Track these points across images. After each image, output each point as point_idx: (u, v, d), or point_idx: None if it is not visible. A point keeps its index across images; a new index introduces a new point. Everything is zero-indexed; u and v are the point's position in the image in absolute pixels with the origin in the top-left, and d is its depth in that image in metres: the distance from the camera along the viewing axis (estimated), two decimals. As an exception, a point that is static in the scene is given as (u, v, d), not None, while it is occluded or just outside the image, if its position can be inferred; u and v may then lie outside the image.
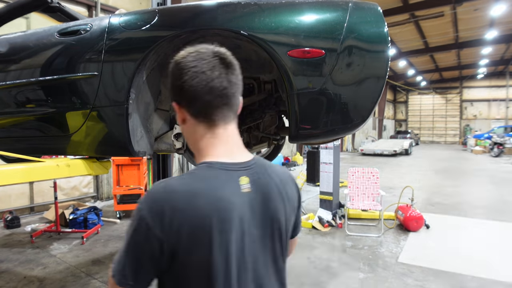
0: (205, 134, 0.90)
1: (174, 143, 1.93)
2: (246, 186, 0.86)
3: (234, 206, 0.82)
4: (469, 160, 16.87)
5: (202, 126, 0.90)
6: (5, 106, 2.36)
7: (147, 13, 1.96)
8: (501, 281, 3.72)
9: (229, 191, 0.84)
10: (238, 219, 0.82)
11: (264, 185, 0.90)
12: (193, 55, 0.87)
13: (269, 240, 0.90)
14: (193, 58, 0.86)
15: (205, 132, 0.90)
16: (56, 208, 5.42)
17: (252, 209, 0.86)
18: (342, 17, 1.68)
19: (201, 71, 0.84)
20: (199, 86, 0.85)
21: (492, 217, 6.30)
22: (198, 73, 0.84)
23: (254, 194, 0.87)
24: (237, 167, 0.88)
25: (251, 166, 0.90)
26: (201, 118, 0.89)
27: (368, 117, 1.75)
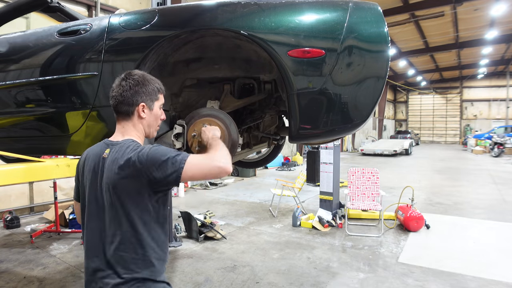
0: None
1: (174, 143, 1.93)
2: (105, 154, 1.33)
3: (94, 162, 1.35)
4: (469, 160, 16.86)
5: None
6: (5, 106, 2.36)
7: (147, 13, 1.96)
8: (501, 281, 3.72)
9: (99, 154, 1.35)
10: (93, 170, 1.33)
11: (111, 156, 1.31)
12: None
13: (103, 189, 1.30)
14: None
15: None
16: (56, 208, 5.42)
17: (102, 167, 1.32)
18: (342, 17, 1.68)
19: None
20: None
21: (493, 217, 6.30)
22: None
23: (107, 160, 1.31)
24: (110, 143, 1.37)
25: (115, 145, 1.34)
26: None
27: (368, 117, 1.75)
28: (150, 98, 1.40)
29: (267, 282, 3.74)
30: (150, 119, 1.42)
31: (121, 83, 1.37)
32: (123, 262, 1.25)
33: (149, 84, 1.40)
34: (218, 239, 5.10)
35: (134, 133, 1.40)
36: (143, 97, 1.38)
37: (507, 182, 10.20)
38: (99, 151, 1.36)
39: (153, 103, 1.42)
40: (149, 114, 1.41)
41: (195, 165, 1.24)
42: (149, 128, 1.45)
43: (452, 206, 7.18)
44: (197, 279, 3.83)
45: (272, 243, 4.99)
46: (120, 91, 1.36)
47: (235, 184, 10.11)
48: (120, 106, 1.37)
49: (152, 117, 1.43)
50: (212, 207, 7.12)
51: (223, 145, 1.42)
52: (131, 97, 1.36)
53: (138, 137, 1.41)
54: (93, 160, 1.35)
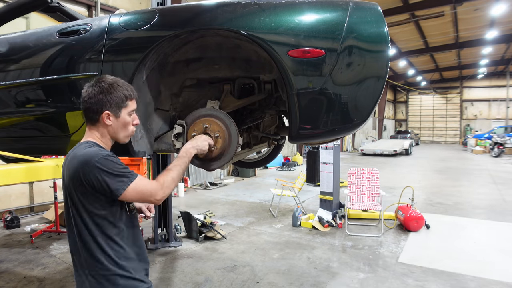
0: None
1: (174, 143, 1.93)
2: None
3: (63, 164, 1.40)
4: (469, 160, 16.86)
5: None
6: (5, 106, 2.35)
7: (147, 13, 1.96)
8: (501, 281, 3.72)
9: (67, 156, 1.39)
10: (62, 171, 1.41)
11: (67, 159, 1.37)
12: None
13: (67, 195, 1.37)
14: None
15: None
16: (56, 208, 5.43)
17: (63, 169, 1.39)
18: (342, 17, 1.68)
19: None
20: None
21: (493, 217, 6.30)
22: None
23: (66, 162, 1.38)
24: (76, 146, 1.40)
25: (76, 147, 1.38)
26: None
27: (368, 117, 1.74)
28: (116, 106, 1.40)
29: (267, 282, 3.74)
30: (116, 126, 1.43)
31: (87, 90, 1.38)
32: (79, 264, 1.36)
33: (114, 91, 1.39)
34: (218, 239, 5.10)
35: (98, 138, 1.42)
36: (107, 105, 1.38)
37: (507, 182, 10.20)
38: (68, 154, 1.41)
39: (119, 111, 1.41)
40: (115, 121, 1.42)
41: (135, 193, 1.32)
42: (117, 135, 1.45)
43: (452, 206, 7.18)
44: (197, 279, 3.83)
45: (272, 243, 4.99)
46: (86, 97, 1.38)
47: (235, 184, 10.11)
48: (85, 112, 1.40)
49: (119, 124, 1.43)
50: (212, 207, 7.12)
51: (179, 169, 1.46)
52: (95, 104, 1.37)
53: (103, 142, 1.43)
54: (64, 162, 1.42)
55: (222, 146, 1.81)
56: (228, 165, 2.05)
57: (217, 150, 1.81)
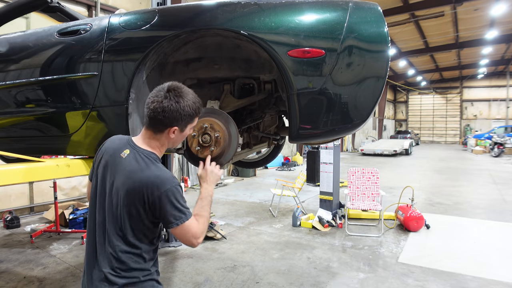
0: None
1: (174, 143, 1.93)
2: (124, 154, 1.37)
3: (110, 156, 1.39)
4: (469, 160, 16.86)
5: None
6: (5, 106, 2.36)
7: (147, 13, 1.96)
8: (501, 281, 3.72)
9: (118, 151, 1.39)
10: (107, 164, 1.38)
11: (128, 160, 1.36)
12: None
13: (113, 187, 1.35)
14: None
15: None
16: (56, 208, 5.42)
17: (117, 165, 1.37)
18: (342, 17, 1.68)
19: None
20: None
21: (493, 217, 6.30)
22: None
23: (123, 161, 1.36)
24: (132, 145, 1.40)
25: (136, 150, 1.38)
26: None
27: (368, 117, 1.75)
28: (185, 123, 1.39)
29: (267, 282, 3.74)
30: (177, 139, 1.44)
31: (163, 101, 1.32)
32: (111, 262, 1.32)
33: (189, 108, 1.36)
34: (218, 239, 5.10)
35: (158, 147, 1.42)
36: (178, 122, 1.36)
37: (507, 182, 10.20)
38: (119, 148, 1.39)
39: (186, 127, 1.41)
40: (178, 135, 1.42)
41: (185, 230, 1.32)
42: (174, 145, 1.47)
43: (452, 206, 7.17)
44: (197, 279, 3.83)
45: (272, 243, 4.99)
46: (159, 109, 1.32)
47: (235, 184, 10.11)
48: (154, 121, 1.36)
49: (180, 138, 1.44)
50: (212, 207, 7.06)
51: (208, 209, 1.50)
52: (167, 118, 1.34)
53: (160, 151, 1.43)
54: (111, 155, 1.39)
55: (222, 146, 1.81)
56: (228, 165, 2.05)
57: (217, 150, 1.81)
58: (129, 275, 1.32)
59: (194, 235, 1.34)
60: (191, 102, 1.37)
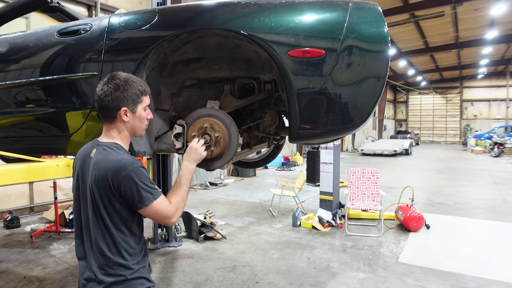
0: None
1: (174, 143, 1.93)
2: (92, 154, 1.40)
3: (83, 160, 1.44)
4: (469, 160, 16.86)
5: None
6: (5, 106, 2.36)
7: (147, 13, 1.96)
8: (501, 281, 3.72)
9: (88, 153, 1.43)
10: (81, 168, 1.43)
11: (95, 157, 1.38)
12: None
13: (87, 187, 1.39)
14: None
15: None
16: (56, 208, 5.42)
17: (88, 166, 1.40)
18: (342, 17, 1.68)
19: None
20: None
21: (493, 217, 6.30)
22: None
23: (92, 160, 1.39)
24: (97, 144, 1.43)
25: (101, 145, 1.41)
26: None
27: (368, 117, 1.74)
28: (132, 102, 1.41)
29: (267, 282, 3.74)
30: (133, 122, 1.45)
31: (103, 88, 1.39)
32: (99, 261, 1.35)
33: (130, 87, 1.40)
34: (218, 239, 5.10)
35: (118, 136, 1.45)
36: (124, 101, 1.39)
37: (507, 182, 10.20)
38: (88, 150, 1.43)
39: (135, 106, 1.43)
40: (132, 117, 1.44)
41: (154, 211, 1.35)
42: (134, 130, 1.48)
43: (452, 206, 7.18)
44: (197, 279, 3.83)
45: (272, 243, 4.99)
46: (102, 96, 1.39)
47: (235, 184, 10.11)
48: (102, 110, 1.41)
49: (136, 120, 1.45)
50: (212, 207, 7.12)
51: (186, 188, 1.50)
52: (112, 102, 1.38)
53: (122, 140, 1.45)
54: (82, 158, 1.44)
55: (222, 146, 1.81)
56: (228, 165, 2.05)
57: (217, 150, 1.81)
58: (116, 272, 1.34)
59: (165, 215, 1.37)
60: (131, 81, 1.42)
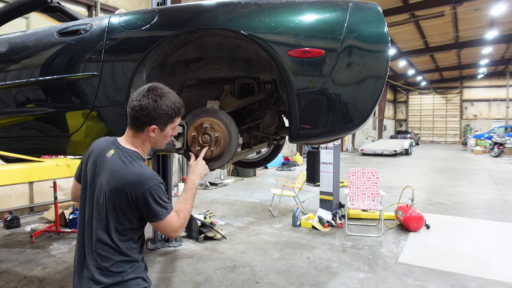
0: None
1: (174, 143, 1.93)
2: (109, 154, 1.41)
3: (97, 156, 1.43)
4: (469, 160, 16.86)
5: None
6: (5, 106, 2.36)
7: (147, 13, 1.96)
8: (501, 281, 3.72)
9: (104, 151, 1.43)
10: (94, 164, 1.42)
11: (112, 159, 1.39)
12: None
13: (99, 186, 1.38)
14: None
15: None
16: (56, 208, 5.42)
17: (103, 165, 1.40)
18: (342, 17, 1.68)
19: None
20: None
21: (493, 217, 6.30)
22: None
23: (108, 160, 1.39)
24: (117, 145, 1.44)
25: (120, 149, 1.41)
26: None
27: (368, 117, 1.75)
28: (164, 122, 1.41)
29: (267, 282, 3.74)
30: (159, 139, 1.46)
31: (141, 99, 1.36)
32: (97, 260, 1.34)
33: (167, 107, 1.39)
34: (218, 239, 5.10)
35: (140, 146, 1.45)
36: (157, 120, 1.38)
37: (507, 182, 10.20)
38: (105, 148, 1.43)
39: (166, 126, 1.43)
40: (159, 135, 1.44)
41: (165, 225, 1.37)
42: (156, 144, 1.49)
43: (452, 206, 7.17)
44: (197, 279, 3.83)
45: (272, 243, 4.99)
46: (137, 107, 1.36)
47: (235, 184, 10.11)
48: (134, 119, 1.40)
49: (162, 137, 1.46)
50: (212, 207, 7.12)
51: (192, 202, 1.51)
52: (144, 117, 1.37)
53: (143, 151, 1.46)
54: (98, 155, 1.43)
55: (222, 146, 1.81)
56: (228, 165, 2.05)
57: (217, 150, 1.81)
58: (114, 273, 1.34)
59: (173, 228, 1.39)
60: (170, 101, 1.40)
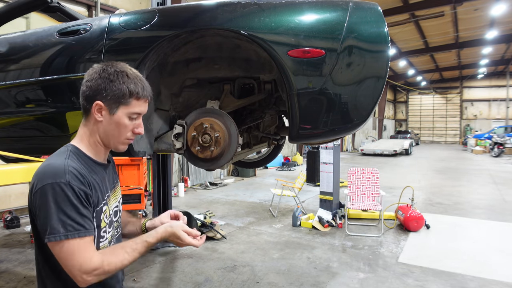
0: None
1: (174, 143, 1.93)
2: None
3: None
4: (469, 160, 16.86)
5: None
6: (5, 106, 2.36)
7: (147, 13, 1.96)
8: (501, 281, 3.72)
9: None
10: None
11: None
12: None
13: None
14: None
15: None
16: (56, 208, 5.42)
17: None
18: (342, 17, 1.68)
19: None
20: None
21: (493, 217, 6.30)
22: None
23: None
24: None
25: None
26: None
27: (368, 117, 1.75)
28: (113, 99, 1.09)
29: (267, 282, 3.74)
30: (108, 127, 1.11)
31: (90, 71, 1.12)
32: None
33: (118, 81, 1.09)
34: (218, 239, 5.10)
35: (85, 137, 1.14)
36: (102, 93, 1.08)
37: (507, 182, 10.20)
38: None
39: (117, 107, 1.10)
40: (108, 119, 1.10)
41: (62, 253, 0.96)
42: (107, 137, 1.13)
43: (452, 206, 7.18)
44: (197, 279, 3.83)
45: (272, 243, 4.99)
46: (86, 78, 1.11)
47: (235, 184, 10.11)
48: (81, 97, 1.12)
49: (112, 125, 1.11)
50: (212, 207, 7.12)
51: (136, 255, 1.08)
52: (90, 89, 1.09)
53: (87, 145, 1.13)
54: None
55: (222, 146, 1.81)
56: (228, 165, 2.05)
57: (217, 150, 1.81)
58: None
59: (78, 266, 0.95)
60: (124, 73, 1.11)
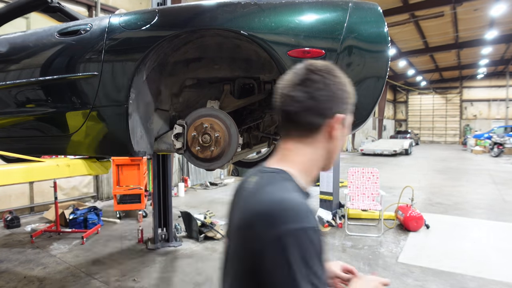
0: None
1: (174, 143, 1.93)
2: (248, 183, 0.85)
3: (235, 191, 0.92)
4: (469, 160, 16.86)
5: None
6: (5, 106, 2.36)
7: (147, 13, 1.96)
8: (501, 281, 3.72)
9: (243, 181, 0.92)
10: (231, 202, 0.92)
11: (248, 191, 0.83)
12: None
13: (231, 231, 0.85)
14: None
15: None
16: (56, 208, 5.42)
17: (238, 201, 0.88)
18: (342, 17, 1.68)
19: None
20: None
21: (492, 217, 6.30)
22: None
23: (244, 193, 0.86)
24: (260, 170, 0.89)
25: (263, 173, 0.85)
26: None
27: (368, 117, 1.75)
28: (350, 110, 0.88)
29: (267, 282, 3.73)
30: (339, 142, 0.88)
31: (308, 77, 0.81)
32: None
33: (349, 85, 0.87)
34: (218, 239, 5.10)
35: (299, 161, 0.84)
36: (343, 105, 0.84)
37: (506, 182, 10.20)
38: (246, 178, 0.89)
39: (351, 113, 0.91)
40: (342, 133, 0.87)
41: None
42: (331, 157, 0.89)
43: (452, 206, 7.18)
44: (198, 279, 3.83)
45: (272, 243, 4.99)
46: (304, 89, 0.80)
47: (235, 184, 10.09)
48: (301, 114, 0.81)
49: (343, 138, 0.91)
50: (212, 207, 7.12)
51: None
52: (325, 102, 0.81)
53: (302, 169, 0.84)
54: (236, 190, 0.93)
55: (222, 146, 1.81)
56: (228, 165, 2.05)
57: (217, 150, 1.81)
58: None
59: None
60: (340, 73, 0.86)
